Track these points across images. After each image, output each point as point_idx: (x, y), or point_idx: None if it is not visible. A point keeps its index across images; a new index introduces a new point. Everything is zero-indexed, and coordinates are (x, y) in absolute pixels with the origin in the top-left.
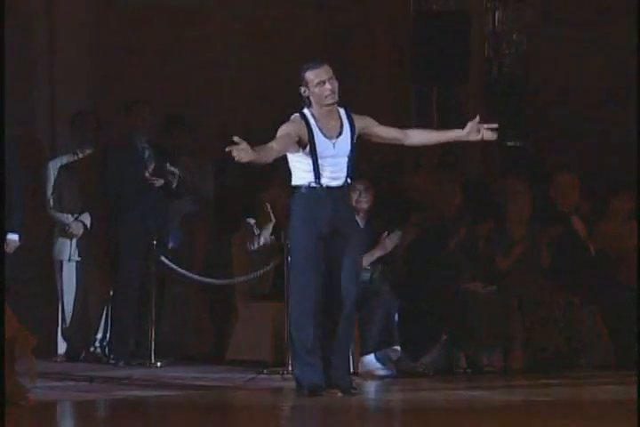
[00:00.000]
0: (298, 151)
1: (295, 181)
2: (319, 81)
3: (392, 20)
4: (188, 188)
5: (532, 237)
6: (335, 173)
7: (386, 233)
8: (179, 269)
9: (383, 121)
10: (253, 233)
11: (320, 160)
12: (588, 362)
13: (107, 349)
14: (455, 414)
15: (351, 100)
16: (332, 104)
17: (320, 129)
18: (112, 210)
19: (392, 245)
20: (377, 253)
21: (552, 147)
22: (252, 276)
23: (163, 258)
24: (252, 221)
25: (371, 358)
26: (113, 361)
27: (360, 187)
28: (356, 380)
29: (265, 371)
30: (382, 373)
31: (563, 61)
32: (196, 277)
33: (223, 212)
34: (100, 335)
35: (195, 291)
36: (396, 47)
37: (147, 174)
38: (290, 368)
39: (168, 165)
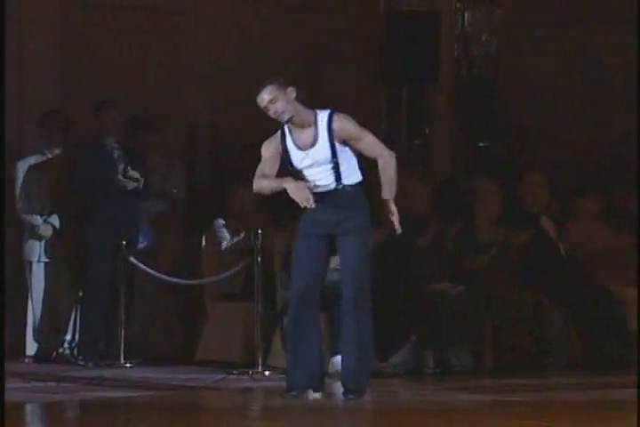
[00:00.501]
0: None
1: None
2: (263, 106)
3: (362, 21)
4: (157, 188)
5: (502, 237)
6: (319, 181)
7: None
8: (148, 270)
9: (354, 119)
10: (223, 233)
11: (300, 173)
12: (557, 362)
13: (76, 350)
14: (425, 414)
15: (321, 99)
16: (288, 122)
17: (293, 142)
18: (81, 210)
19: None
20: None
21: (521, 147)
22: (221, 276)
23: (132, 258)
24: (221, 221)
25: (339, 359)
26: (82, 362)
27: None
28: (326, 380)
29: (234, 371)
30: None
31: (532, 62)
32: (166, 277)
33: (193, 212)
34: (69, 336)
35: (164, 291)
36: (366, 47)
37: (119, 176)
38: (260, 369)
39: (129, 168)
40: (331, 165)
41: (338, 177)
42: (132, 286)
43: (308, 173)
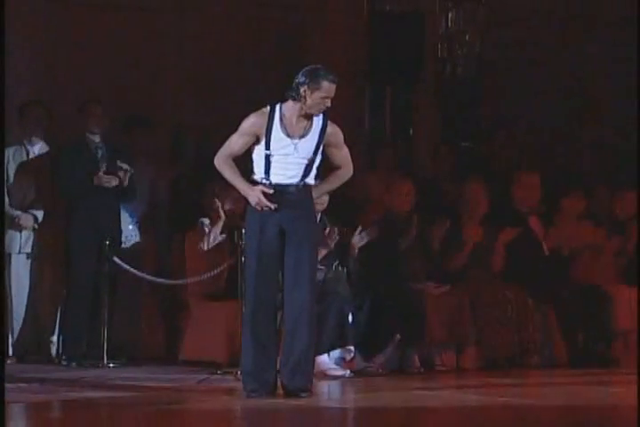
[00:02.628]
0: (255, 145)
1: (253, 175)
2: (326, 96)
3: (347, 20)
4: (142, 188)
5: (487, 237)
6: (289, 172)
7: (327, 231)
8: (131, 270)
9: (337, 120)
10: (206, 233)
11: (272, 157)
12: (540, 361)
13: (59, 350)
14: (410, 413)
15: None
16: (318, 113)
17: (283, 127)
18: (64, 209)
19: (333, 243)
20: (323, 251)
21: (505, 147)
22: (205, 276)
23: (115, 258)
24: (206, 220)
25: (324, 358)
26: (65, 362)
27: None
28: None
29: (218, 372)
30: (336, 373)
31: (515, 62)
32: (149, 277)
33: (177, 211)
34: (51, 336)
35: (147, 291)
36: (351, 47)
37: (100, 173)
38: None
39: (119, 161)
40: (306, 162)
41: (305, 175)
42: (116, 285)
43: (277, 162)
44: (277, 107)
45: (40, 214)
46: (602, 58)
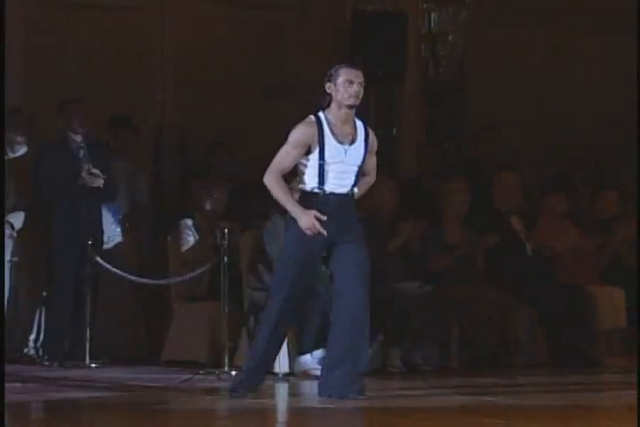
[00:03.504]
0: (306, 157)
1: (301, 185)
2: (348, 80)
3: (330, 20)
4: (123, 188)
5: (470, 237)
6: (342, 180)
7: None
8: (113, 270)
9: None
10: (189, 233)
11: (327, 166)
12: (523, 361)
13: (41, 350)
14: (391, 413)
15: (291, 98)
16: (352, 107)
17: (333, 134)
18: (46, 210)
19: None
20: None
21: (488, 147)
22: (188, 276)
23: (98, 258)
24: (189, 221)
25: (307, 358)
26: (47, 362)
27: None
28: (292, 380)
29: (201, 372)
30: (319, 373)
31: (498, 62)
32: (131, 277)
33: (160, 212)
34: (33, 336)
35: (130, 291)
36: (333, 47)
37: (83, 173)
38: (226, 369)
39: (91, 167)
40: (356, 169)
41: (355, 182)
42: (98, 285)
43: (333, 171)
44: (321, 115)
45: (19, 219)
46: (586, 57)
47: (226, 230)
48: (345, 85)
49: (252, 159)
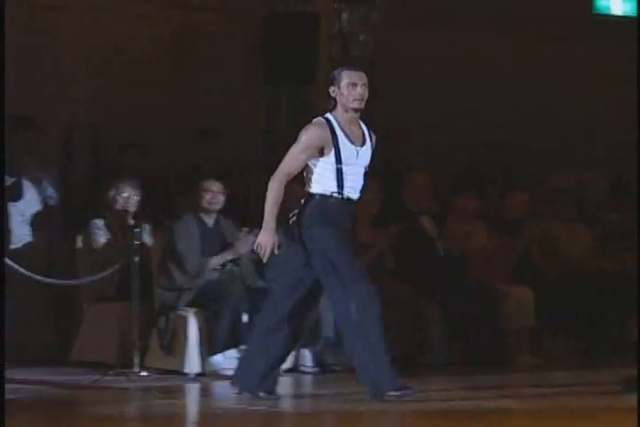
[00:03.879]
0: (316, 158)
1: (314, 189)
2: (352, 82)
3: (244, 20)
4: (33, 187)
5: (379, 237)
6: (355, 183)
7: (243, 233)
8: (21, 270)
9: (234, 119)
10: (99, 233)
11: (345, 168)
12: (435, 361)
13: None
14: (305, 414)
15: (202, 100)
16: (357, 110)
17: (346, 135)
18: None
19: (245, 249)
20: (228, 256)
21: (399, 147)
22: (97, 276)
23: (6, 259)
24: (100, 222)
25: (218, 359)
26: None
27: (215, 188)
28: (203, 380)
29: (110, 372)
30: (229, 373)
31: (409, 63)
32: (38, 277)
33: (70, 211)
34: None
35: (37, 291)
36: (247, 47)
37: None
38: (136, 369)
39: None
40: (363, 171)
41: (364, 186)
42: (4, 286)
43: (349, 173)
44: (330, 116)
45: None
46: (499, 56)
47: (137, 230)
48: (349, 88)
49: (164, 159)
